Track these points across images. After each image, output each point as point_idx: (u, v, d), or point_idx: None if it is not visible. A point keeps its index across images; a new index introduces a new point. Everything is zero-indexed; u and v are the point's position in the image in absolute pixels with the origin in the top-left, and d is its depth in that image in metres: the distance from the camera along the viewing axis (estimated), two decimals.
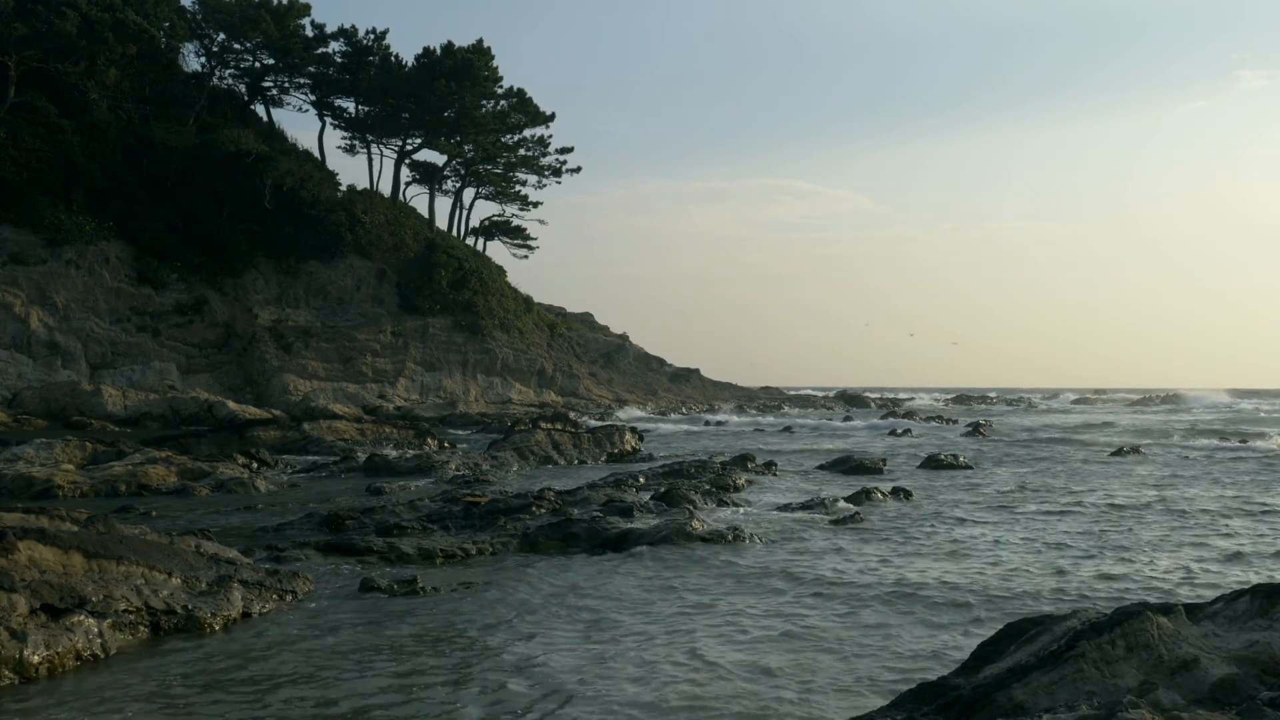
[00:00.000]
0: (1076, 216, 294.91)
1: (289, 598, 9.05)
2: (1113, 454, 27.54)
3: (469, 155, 63.32)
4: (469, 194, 68.51)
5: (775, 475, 21.15)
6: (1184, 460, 25.83)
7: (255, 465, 20.94)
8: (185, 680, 6.73)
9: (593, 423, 36.64)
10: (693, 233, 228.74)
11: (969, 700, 4.85)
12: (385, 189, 61.26)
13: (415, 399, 51.72)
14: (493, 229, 70.11)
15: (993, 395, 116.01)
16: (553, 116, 64.70)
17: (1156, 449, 29.84)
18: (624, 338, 79.08)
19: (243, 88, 57.98)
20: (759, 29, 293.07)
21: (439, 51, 57.53)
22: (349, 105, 60.37)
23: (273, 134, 56.44)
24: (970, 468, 23.43)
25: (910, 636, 8.05)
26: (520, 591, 9.66)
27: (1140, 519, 14.75)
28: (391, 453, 23.75)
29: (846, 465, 22.53)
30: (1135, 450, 28.02)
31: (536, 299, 68.33)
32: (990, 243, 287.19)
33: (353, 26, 57.79)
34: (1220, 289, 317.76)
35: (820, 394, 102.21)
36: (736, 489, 18.01)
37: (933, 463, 23.70)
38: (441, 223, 64.68)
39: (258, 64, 56.74)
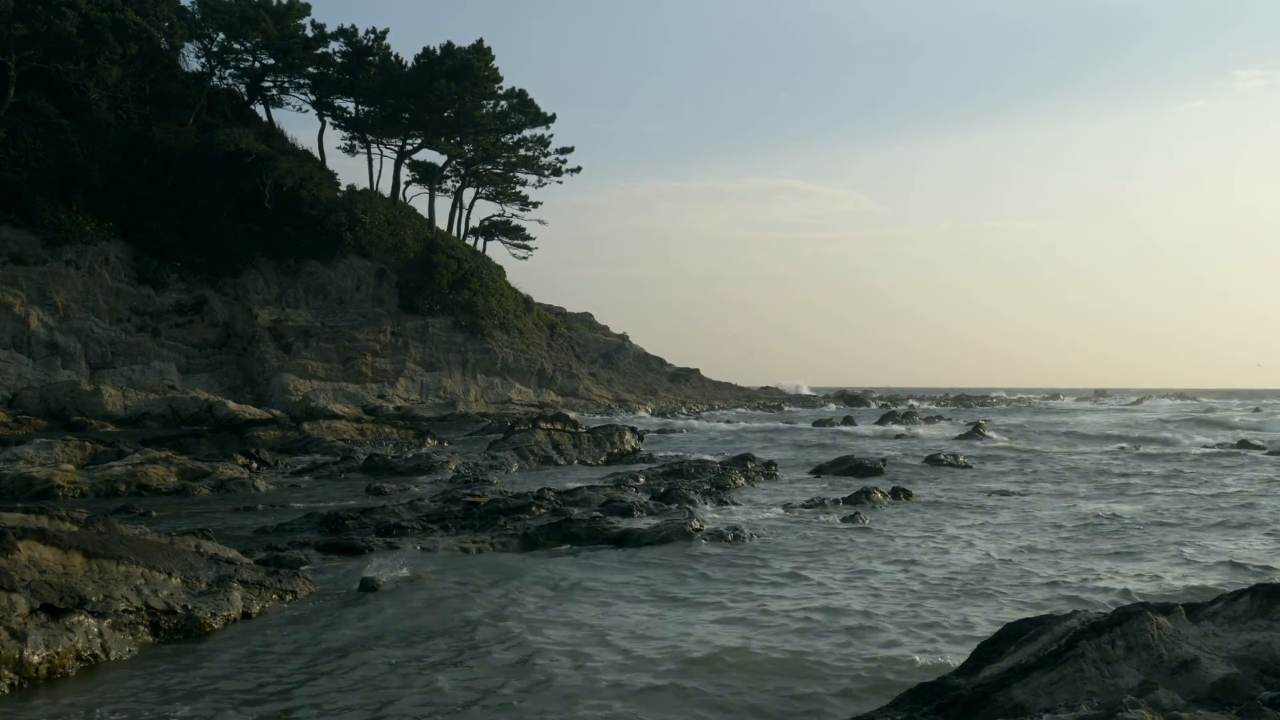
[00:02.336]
0: (1076, 216, 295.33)
1: (289, 598, 9.05)
2: (1112, 454, 27.54)
3: (469, 155, 63.29)
4: (469, 194, 68.57)
5: (775, 476, 21.14)
6: (1183, 462, 25.83)
7: (255, 465, 20.93)
8: (182, 679, 6.73)
9: (593, 423, 36.59)
10: (693, 233, 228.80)
11: (969, 700, 4.85)
12: (385, 189, 61.33)
13: (415, 399, 51.71)
14: (492, 229, 70.08)
15: (993, 396, 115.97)
16: (553, 117, 64.72)
17: (1154, 450, 29.83)
18: (624, 338, 79.04)
19: (243, 88, 57.95)
20: (759, 29, 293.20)
21: (439, 51, 57.50)
22: (349, 105, 60.37)
23: (273, 134, 56.40)
24: (969, 467, 23.43)
25: (907, 644, 8.05)
26: (519, 590, 9.66)
27: (1129, 527, 14.75)
28: (391, 453, 23.74)
29: (846, 465, 22.51)
30: (1135, 450, 28.03)
31: (536, 299, 68.35)
32: (990, 243, 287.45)
33: (353, 26, 57.84)
34: (1221, 289, 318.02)
35: (820, 394, 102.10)
36: (736, 489, 18.02)
37: (933, 463, 23.70)
38: (441, 223, 64.72)
39: (258, 64, 56.71)
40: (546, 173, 67.21)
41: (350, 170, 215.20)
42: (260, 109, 58.93)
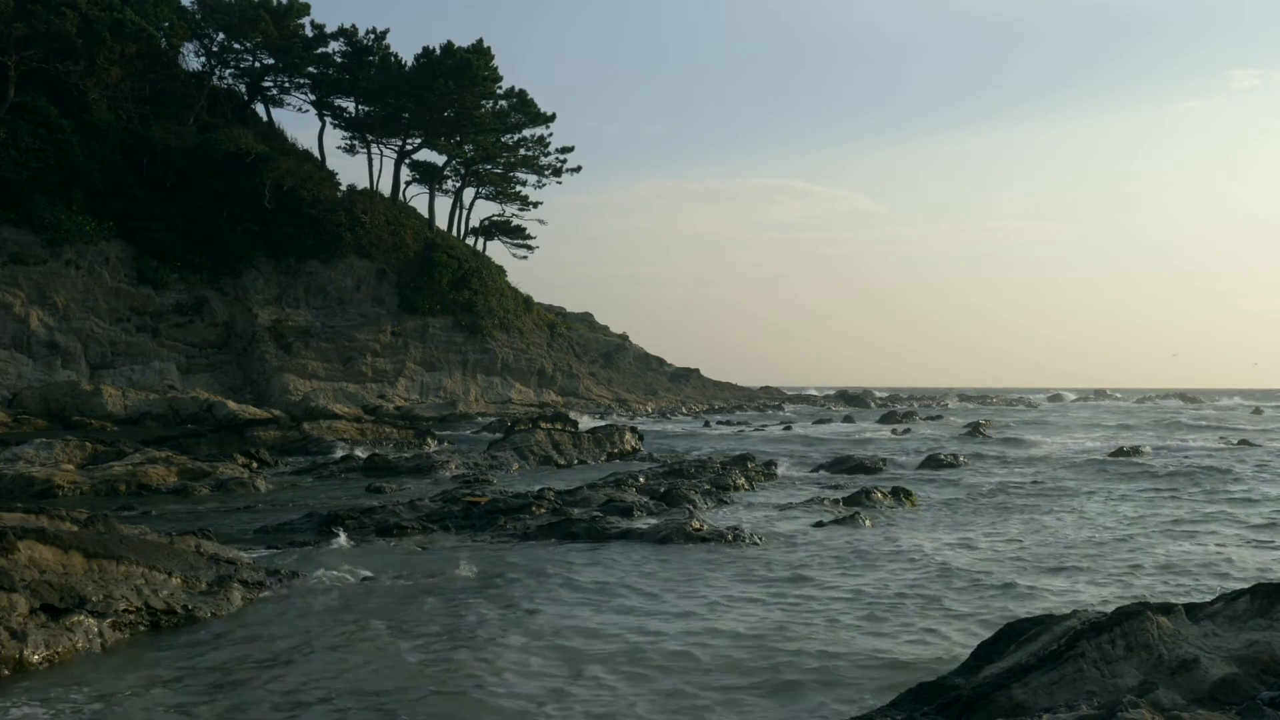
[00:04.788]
0: (1076, 216, 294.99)
1: (288, 597, 9.04)
2: (1111, 454, 27.52)
3: (469, 155, 63.27)
4: (469, 194, 68.51)
5: (775, 476, 21.14)
6: (1183, 465, 25.84)
7: (255, 465, 20.93)
8: (181, 676, 6.73)
9: (591, 423, 36.56)
10: (692, 233, 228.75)
11: (969, 700, 4.85)
12: (385, 189, 61.30)
13: (415, 399, 51.69)
14: (493, 229, 70.05)
15: (993, 396, 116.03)
16: (553, 116, 64.66)
17: (1155, 452, 29.81)
18: (624, 338, 79.04)
19: (243, 88, 57.92)
20: (759, 29, 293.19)
21: (439, 51, 57.48)
22: (349, 105, 60.34)
23: (273, 134, 56.39)
24: (969, 467, 23.43)
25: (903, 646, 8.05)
26: (518, 590, 9.67)
27: (1130, 528, 14.75)
28: (391, 453, 23.74)
29: (847, 465, 22.52)
30: (1135, 450, 28.02)
31: (536, 299, 68.30)
32: (990, 243, 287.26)
33: (353, 26, 57.82)
34: (1220, 288, 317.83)
35: (820, 393, 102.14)
36: (736, 489, 18.01)
37: (932, 462, 23.71)
38: (441, 223, 64.69)
39: (258, 64, 56.71)
40: (546, 172, 67.19)
41: (350, 170, 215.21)
42: (260, 109, 58.98)
